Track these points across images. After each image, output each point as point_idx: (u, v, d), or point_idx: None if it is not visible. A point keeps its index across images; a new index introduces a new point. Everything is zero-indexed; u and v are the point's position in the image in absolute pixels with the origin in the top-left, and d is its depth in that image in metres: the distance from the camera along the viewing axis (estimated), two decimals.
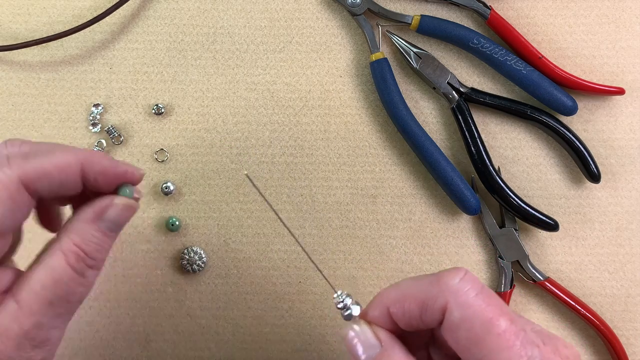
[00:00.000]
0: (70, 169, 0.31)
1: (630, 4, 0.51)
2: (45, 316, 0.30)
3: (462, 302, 0.28)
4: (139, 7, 0.50)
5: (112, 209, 0.32)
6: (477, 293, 0.28)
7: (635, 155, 0.50)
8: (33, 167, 0.30)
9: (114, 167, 0.32)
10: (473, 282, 0.28)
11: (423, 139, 0.47)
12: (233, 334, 0.48)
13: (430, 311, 0.29)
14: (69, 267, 0.30)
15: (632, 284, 0.49)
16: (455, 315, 0.28)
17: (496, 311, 0.27)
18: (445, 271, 0.29)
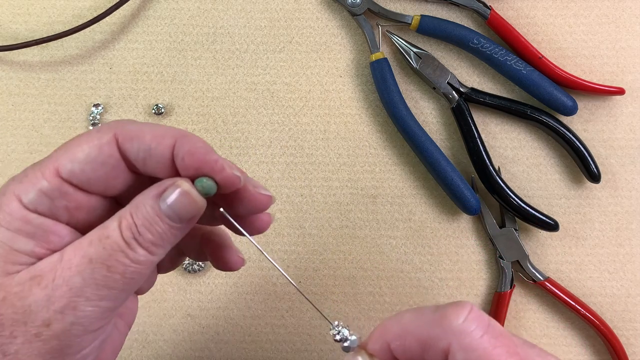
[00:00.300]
0: (163, 139, 0.29)
1: (630, 4, 0.51)
2: (79, 275, 0.27)
3: (466, 345, 0.26)
4: (139, 7, 0.50)
5: (169, 190, 0.29)
6: (483, 333, 0.26)
7: (635, 155, 0.50)
8: (129, 127, 0.29)
9: (204, 153, 0.29)
10: (479, 320, 0.26)
11: (423, 139, 0.47)
12: (233, 334, 0.48)
13: (433, 352, 0.27)
14: (117, 230, 0.28)
15: (632, 284, 0.49)
16: (459, 359, 0.26)
17: (503, 354, 0.26)
18: (449, 308, 0.27)
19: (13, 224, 0.28)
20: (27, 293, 0.27)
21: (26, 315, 0.27)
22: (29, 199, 0.28)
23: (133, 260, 0.28)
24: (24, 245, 0.28)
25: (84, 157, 0.29)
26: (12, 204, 0.28)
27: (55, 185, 0.28)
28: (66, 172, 0.28)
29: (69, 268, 0.27)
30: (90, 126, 0.49)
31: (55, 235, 0.28)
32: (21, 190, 0.28)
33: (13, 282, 0.27)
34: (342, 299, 0.49)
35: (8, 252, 0.27)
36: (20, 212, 0.28)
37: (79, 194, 0.29)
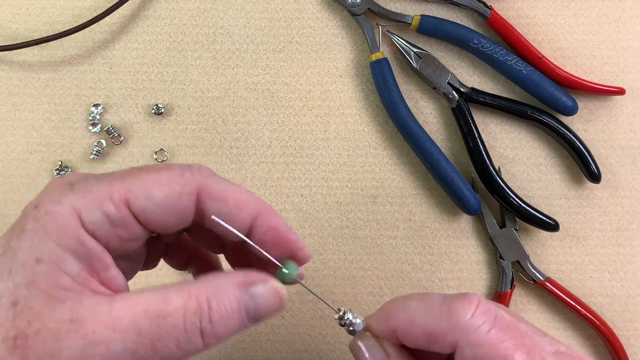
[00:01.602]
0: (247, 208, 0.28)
1: (631, 3, 0.51)
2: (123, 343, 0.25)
3: (474, 340, 0.26)
4: (139, 7, 0.50)
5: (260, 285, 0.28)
6: (491, 328, 0.26)
7: (635, 155, 0.50)
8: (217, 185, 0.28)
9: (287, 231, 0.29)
10: (486, 314, 0.27)
11: (423, 139, 0.47)
12: None
13: (440, 344, 0.27)
14: (181, 312, 0.25)
15: (632, 284, 0.49)
16: (467, 354, 0.26)
17: (511, 346, 0.26)
18: (457, 301, 0.27)
19: (65, 241, 0.25)
20: (63, 336, 0.24)
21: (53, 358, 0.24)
22: (90, 219, 0.26)
23: (185, 350, 0.26)
24: (71, 268, 0.25)
25: (161, 200, 0.27)
26: (70, 220, 0.25)
27: (122, 215, 0.26)
28: (137, 208, 0.27)
29: (113, 329, 0.25)
30: (90, 126, 0.49)
31: (101, 264, 0.26)
32: (83, 206, 0.26)
33: (52, 317, 0.24)
34: (342, 299, 0.49)
35: (53, 271, 0.25)
36: (76, 230, 0.26)
37: (138, 227, 0.27)
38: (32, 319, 0.24)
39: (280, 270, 0.29)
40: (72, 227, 0.25)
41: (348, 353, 0.48)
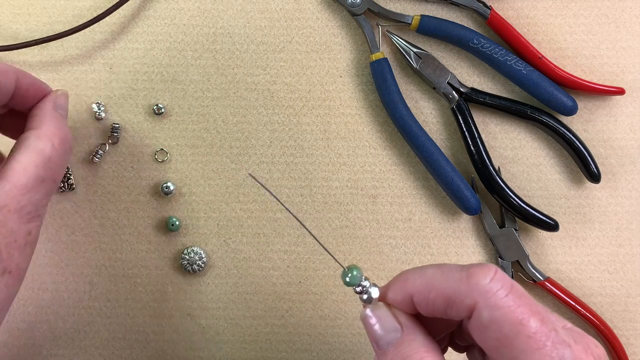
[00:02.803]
0: (8, 73, 0.36)
1: (630, 4, 0.51)
2: (37, 192, 0.34)
3: (492, 303, 0.27)
4: (139, 7, 0.50)
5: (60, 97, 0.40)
6: (508, 293, 0.27)
7: (635, 155, 0.50)
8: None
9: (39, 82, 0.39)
10: (504, 281, 0.28)
11: (423, 139, 0.47)
12: (233, 334, 0.48)
13: (457, 308, 0.28)
14: (55, 149, 0.36)
15: (632, 284, 0.49)
16: (485, 316, 0.27)
17: (526, 312, 0.27)
18: (475, 267, 0.28)
19: None
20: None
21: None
22: None
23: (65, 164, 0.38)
24: None
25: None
26: None
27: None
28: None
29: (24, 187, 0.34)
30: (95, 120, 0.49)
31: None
32: None
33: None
34: (342, 299, 0.49)
35: None
36: None
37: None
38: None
39: (344, 270, 0.31)
40: None
41: (348, 353, 0.48)
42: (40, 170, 0.35)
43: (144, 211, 0.49)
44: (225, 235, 0.49)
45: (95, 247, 0.49)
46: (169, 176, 0.49)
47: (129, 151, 0.49)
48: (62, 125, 0.37)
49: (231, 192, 0.49)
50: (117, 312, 0.48)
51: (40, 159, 0.35)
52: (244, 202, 0.49)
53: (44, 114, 0.38)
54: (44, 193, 0.35)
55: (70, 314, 0.48)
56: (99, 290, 0.49)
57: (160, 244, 0.49)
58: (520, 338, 0.26)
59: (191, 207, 0.49)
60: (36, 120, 0.37)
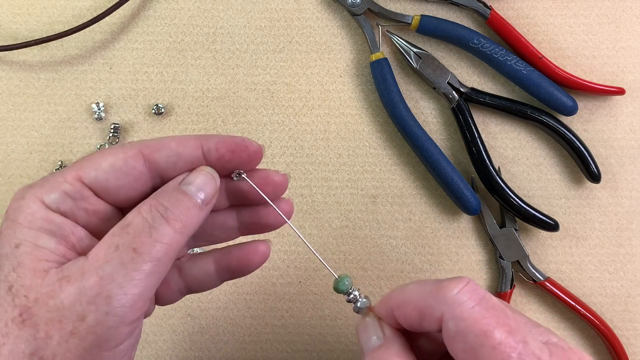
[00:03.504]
0: (188, 141, 0.31)
1: (630, 4, 0.51)
2: (108, 263, 0.27)
3: (457, 314, 0.27)
4: (139, 7, 0.50)
5: (193, 174, 0.31)
6: (475, 304, 0.27)
7: (635, 155, 0.50)
8: (154, 140, 0.31)
9: (231, 137, 0.33)
10: (473, 292, 0.28)
11: (423, 139, 0.47)
12: (233, 334, 0.48)
13: (428, 321, 0.29)
14: (139, 215, 0.29)
15: (632, 284, 0.49)
16: (450, 327, 0.27)
17: (492, 323, 0.27)
18: (447, 280, 0.29)
19: (35, 223, 0.28)
20: (58, 291, 0.27)
21: (60, 312, 0.27)
22: (51, 199, 0.29)
23: (160, 238, 0.28)
24: (47, 243, 0.28)
25: (109, 167, 0.30)
26: (34, 205, 0.29)
27: (77, 188, 0.29)
28: (89, 179, 0.30)
29: (96, 260, 0.28)
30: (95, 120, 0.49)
31: (74, 236, 0.29)
32: (43, 192, 0.29)
33: (43, 284, 0.27)
34: (342, 299, 0.49)
35: (33, 249, 0.28)
36: (42, 211, 0.29)
37: (98, 200, 0.30)
38: (27, 293, 0.27)
39: (335, 279, 0.33)
40: (38, 210, 0.29)
41: (348, 353, 0.49)
42: (115, 238, 0.28)
43: None
44: None
45: None
46: None
47: None
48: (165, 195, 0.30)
49: None
50: None
51: (117, 227, 0.29)
52: None
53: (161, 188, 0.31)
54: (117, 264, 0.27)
55: None
56: None
57: None
58: (484, 349, 0.26)
59: None
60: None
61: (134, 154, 0.30)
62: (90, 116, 0.49)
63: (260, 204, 0.35)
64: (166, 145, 0.31)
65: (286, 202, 0.35)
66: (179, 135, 0.32)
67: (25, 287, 0.27)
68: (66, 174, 0.30)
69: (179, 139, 0.32)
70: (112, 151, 0.31)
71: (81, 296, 0.27)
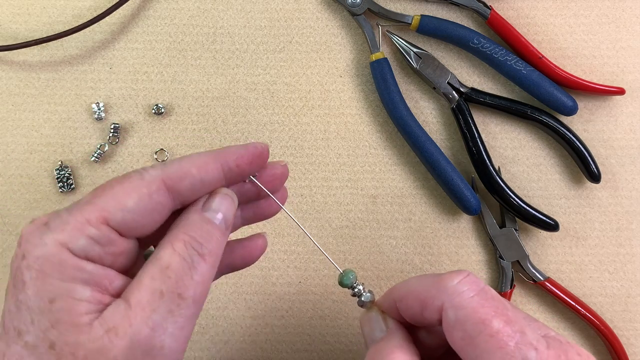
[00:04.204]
0: (208, 165, 0.31)
1: (630, 4, 0.51)
2: (156, 312, 0.27)
3: (457, 303, 0.28)
4: (139, 7, 0.50)
5: (212, 199, 0.31)
6: (474, 295, 0.28)
7: (635, 155, 0.50)
8: (174, 168, 0.30)
9: (246, 151, 0.32)
10: (472, 283, 0.29)
11: (423, 139, 0.47)
12: (233, 334, 0.48)
13: (429, 310, 0.30)
14: (175, 254, 0.28)
15: (632, 284, 0.49)
16: (450, 316, 0.28)
17: (490, 312, 0.28)
18: (448, 272, 0.30)
19: (67, 274, 0.27)
20: (109, 346, 0.26)
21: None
22: (79, 247, 0.27)
23: (200, 278, 0.28)
24: (83, 294, 0.27)
25: (135, 206, 0.28)
26: (61, 254, 0.27)
27: (104, 233, 0.28)
28: (116, 222, 0.28)
29: (142, 310, 0.26)
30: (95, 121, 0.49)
31: (106, 280, 0.28)
32: (66, 238, 0.27)
33: (89, 339, 0.26)
34: (342, 299, 0.49)
35: (71, 304, 0.26)
36: (71, 260, 0.27)
37: (123, 240, 0.29)
38: (74, 350, 0.26)
39: (340, 274, 0.34)
40: (67, 260, 0.27)
41: (348, 353, 0.49)
42: (156, 283, 0.27)
43: None
44: None
45: None
46: None
47: (129, 151, 0.49)
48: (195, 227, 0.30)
49: None
50: None
51: (157, 270, 0.28)
52: None
53: (183, 215, 0.31)
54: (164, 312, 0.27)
55: None
56: None
57: None
58: (482, 337, 0.27)
59: None
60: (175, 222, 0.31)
61: (157, 187, 0.29)
62: (90, 116, 0.50)
63: (261, 198, 0.35)
64: (189, 174, 0.30)
65: (282, 190, 0.36)
66: (196, 156, 0.31)
67: (70, 344, 0.26)
68: (88, 213, 0.28)
69: (199, 163, 0.30)
70: (135, 185, 0.29)
71: (134, 350, 0.26)
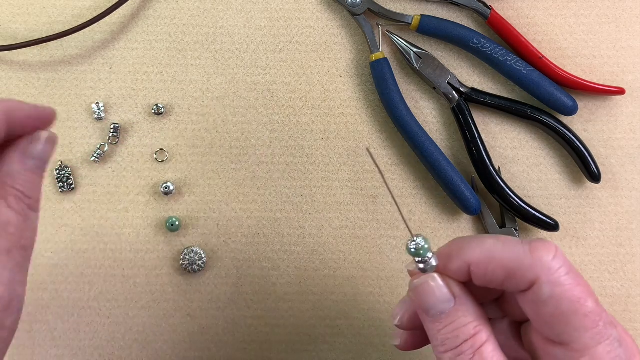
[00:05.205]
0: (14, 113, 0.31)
1: (631, 4, 0.51)
2: (7, 269, 0.28)
3: (554, 280, 0.28)
4: (139, 7, 0.50)
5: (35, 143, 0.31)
6: (568, 272, 0.28)
7: (635, 155, 0.50)
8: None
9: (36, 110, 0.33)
10: (564, 259, 0.28)
11: (423, 139, 0.47)
12: (233, 334, 0.48)
13: (517, 281, 0.28)
14: (11, 210, 0.29)
15: (632, 284, 0.49)
16: (545, 291, 0.28)
17: (585, 292, 0.28)
18: (538, 242, 0.29)
19: None
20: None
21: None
22: None
23: (33, 225, 0.30)
24: None
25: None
26: None
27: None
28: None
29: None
30: (95, 121, 0.49)
31: None
32: None
33: None
34: (342, 299, 0.49)
35: None
36: None
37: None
38: None
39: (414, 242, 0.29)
40: None
41: (348, 353, 0.48)
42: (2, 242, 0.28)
43: (144, 211, 0.49)
44: (225, 235, 0.49)
45: (95, 247, 0.49)
46: (169, 176, 0.49)
47: (129, 151, 0.49)
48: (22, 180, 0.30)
49: (231, 192, 0.49)
50: (117, 312, 0.48)
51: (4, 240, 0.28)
52: (244, 202, 0.49)
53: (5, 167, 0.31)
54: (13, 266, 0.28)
55: (70, 314, 0.48)
56: (98, 290, 0.48)
57: (160, 244, 0.49)
58: (577, 316, 0.27)
59: (191, 207, 0.49)
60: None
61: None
62: (90, 116, 0.50)
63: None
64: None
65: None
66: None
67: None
68: None
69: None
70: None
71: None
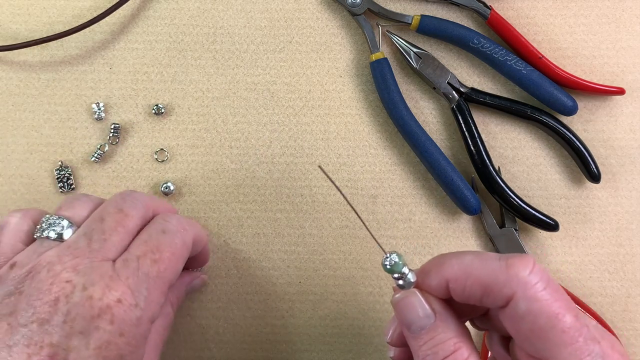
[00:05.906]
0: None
1: (631, 4, 0.51)
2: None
3: (530, 295, 0.27)
4: (139, 7, 0.50)
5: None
6: (545, 287, 0.28)
7: (635, 155, 0.50)
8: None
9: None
10: (542, 274, 0.28)
11: (423, 139, 0.47)
12: (233, 334, 0.48)
13: (494, 297, 0.28)
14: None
15: (632, 284, 0.49)
16: (522, 307, 0.27)
17: (563, 307, 0.27)
18: (514, 258, 0.28)
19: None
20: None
21: None
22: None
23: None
24: None
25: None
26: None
27: None
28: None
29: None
30: (95, 121, 0.49)
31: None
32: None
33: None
34: (342, 299, 0.49)
35: None
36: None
37: None
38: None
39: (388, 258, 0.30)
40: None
41: (348, 353, 0.48)
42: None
43: None
44: (225, 235, 0.49)
45: None
46: (169, 176, 0.49)
47: (129, 151, 0.49)
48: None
49: (231, 192, 0.49)
50: None
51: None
52: (244, 202, 0.49)
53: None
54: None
55: None
56: None
57: None
58: (554, 332, 0.27)
59: (191, 207, 0.49)
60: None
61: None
62: (90, 116, 0.50)
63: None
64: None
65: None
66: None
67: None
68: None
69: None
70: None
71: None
